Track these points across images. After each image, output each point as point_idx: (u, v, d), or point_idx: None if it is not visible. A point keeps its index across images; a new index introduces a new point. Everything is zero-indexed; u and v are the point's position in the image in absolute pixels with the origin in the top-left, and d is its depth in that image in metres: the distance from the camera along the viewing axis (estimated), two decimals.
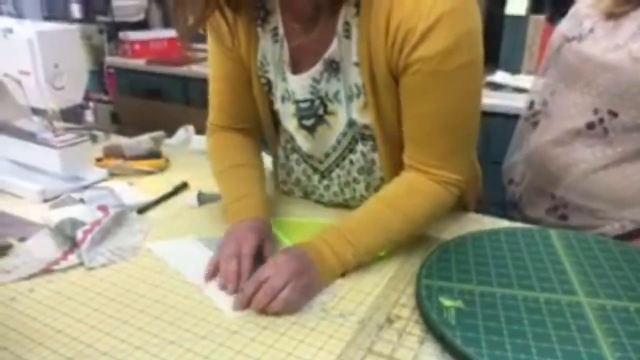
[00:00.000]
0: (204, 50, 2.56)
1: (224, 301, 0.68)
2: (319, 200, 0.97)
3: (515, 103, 1.70)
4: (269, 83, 0.87)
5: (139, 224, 0.87)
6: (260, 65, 0.85)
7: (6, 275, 0.73)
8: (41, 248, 0.78)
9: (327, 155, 0.88)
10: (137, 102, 2.39)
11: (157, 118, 1.89)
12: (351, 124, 0.82)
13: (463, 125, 0.77)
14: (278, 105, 0.88)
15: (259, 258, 0.74)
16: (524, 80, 1.86)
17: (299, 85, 0.82)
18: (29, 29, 0.91)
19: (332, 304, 0.67)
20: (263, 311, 0.65)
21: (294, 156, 0.94)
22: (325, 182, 0.92)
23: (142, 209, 0.92)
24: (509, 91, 1.82)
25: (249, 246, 0.73)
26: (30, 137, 1.03)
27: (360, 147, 0.85)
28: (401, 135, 0.79)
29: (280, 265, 0.68)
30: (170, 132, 1.34)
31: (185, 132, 1.36)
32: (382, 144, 0.82)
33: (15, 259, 0.77)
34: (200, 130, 1.40)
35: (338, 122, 0.83)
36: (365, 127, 0.82)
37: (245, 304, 0.66)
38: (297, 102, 0.84)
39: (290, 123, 0.88)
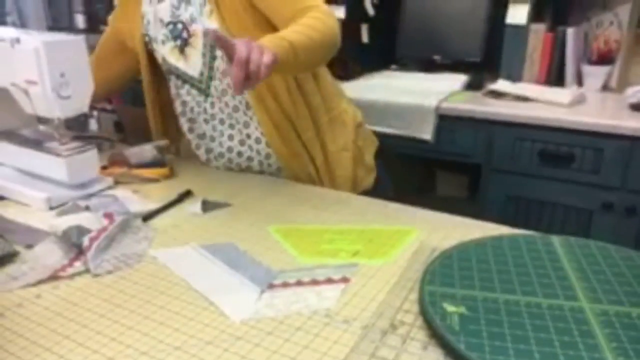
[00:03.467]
0: None
1: (229, 307, 0.68)
2: (214, 130, 1.18)
3: (516, 111, 1.71)
4: (149, 42, 1.17)
5: (143, 231, 0.88)
6: (145, 29, 1.16)
7: (13, 281, 0.74)
8: (48, 255, 0.79)
9: (201, 73, 1.11)
10: (140, 111, 2.40)
11: None
12: (206, 33, 1.05)
13: None
14: (162, 50, 1.14)
15: None
16: (524, 88, 1.87)
17: (163, 11, 1.10)
18: (36, 39, 0.92)
19: (336, 310, 0.68)
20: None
21: (185, 88, 1.16)
22: (210, 99, 1.14)
23: (147, 217, 0.93)
24: (510, 99, 1.83)
25: None
26: (36, 145, 1.04)
27: (218, 52, 1.07)
28: (242, 29, 1.01)
29: (244, 42, 0.79)
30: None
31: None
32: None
33: (22, 265, 0.77)
34: None
35: (198, 39, 1.08)
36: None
37: (241, 84, 0.78)
38: (166, 25, 1.10)
39: (167, 50, 1.13)
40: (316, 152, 1.17)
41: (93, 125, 2.64)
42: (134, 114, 2.36)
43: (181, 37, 1.09)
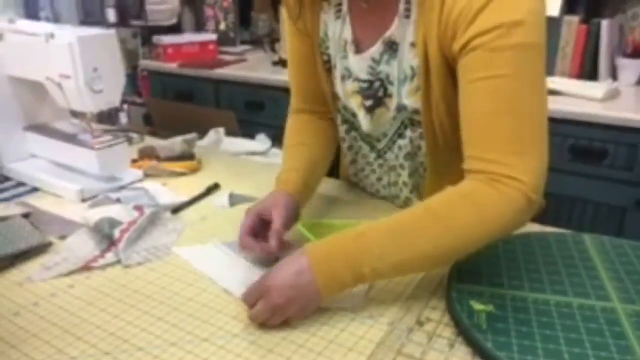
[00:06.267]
0: (234, 54, 2.60)
1: None
2: (366, 184, 1.00)
3: (548, 105, 1.68)
4: (329, 61, 0.89)
5: (172, 224, 0.89)
6: (322, 42, 0.88)
7: (47, 271, 0.76)
8: (80, 246, 0.81)
9: (385, 134, 0.89)
10: (169, 105, 2.44)
11: (188, 120, 1.93)
12: (400, 108, 0.82)
13: (528, 112, 0.66)
14: (338, 86, 0.89)
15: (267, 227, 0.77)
16: (557, 82, 1.83)
17: (357, 65, 0.83)
18: (70, 34, 0.94)
19: (362, 306, 0.68)
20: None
21: (352, 134, 0.96)
22: (380, 161, 0.94)
23: (176, 209, 0.94)
24: None
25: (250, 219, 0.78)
26: (69, 138, 1.06)
27: (409, 133, 0.85)
28: (449, 124, 0.78)
29: (273, 291, 0.63)
30: (202, 134, 1.36)
31: (216, 134, 1.38)
32: (429, 130, 0.81)
33: (56, 256, 0.79)
34: (230, 133, 1.43)
35: (394, 105, 0.83)
36: (416, 112, 0.81)
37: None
38: (358, 80, 0.85)
39: (353, 101, 0.89)
40: None
41: (123, 118, 2.69)
42: (163, 107, 2.40)
43: (375, 97, 0.85)
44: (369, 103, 0.86)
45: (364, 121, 0.89)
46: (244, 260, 0.79)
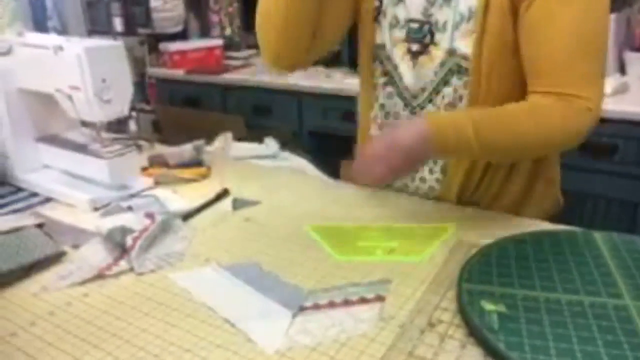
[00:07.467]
0: (240, 58, 2.61)
1: (261, 336, 0.64)
2: None
3: None
4: (379, 7, 0.93)
5: (183, 230, 0.90)
6: None
7: (62, 280, 0.77)
8: (93, 254, 0.82)
9: (423, 89, 0.92)
10: (177, 111, 2.46)
11: (197, 126, 1.94)
12: (451, 52, 0.86)
13: (600, 46, 0.77)
14: (385, 34, 0.93)
15: None
16: None
17: (412, 4, 0.88)
18: (78, 46, 0.95)
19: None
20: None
21: (388, 89, 0.97)
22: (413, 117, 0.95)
23: (186, 216, 0.95)
24: None
25: None
26: (80, 148, 1.08)
27: (454, 80, 0.87)
28: (498, 70, 0.83)
29: (391, 152, 0.77)
30: (210, 140, 1.37)
31: (224, 139, 1.39)
32: (475, 77, 0.84)
33: (70, 265, 0.81)
34: (238, 137, 1.43)
35: (439, 53, 0.87)
36: (464, 57, 0.85)
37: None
38: (409, 21, 0.89)
39: (397, 50, 0.92)
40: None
41: (132, 125, 2.71)
42: (171, 114, 2.43)
43: (422, 42, 0.88)
44: (415, 47, 0.89)
45: (406, 72, 0.92)
46: (245, 286, 0.74)
